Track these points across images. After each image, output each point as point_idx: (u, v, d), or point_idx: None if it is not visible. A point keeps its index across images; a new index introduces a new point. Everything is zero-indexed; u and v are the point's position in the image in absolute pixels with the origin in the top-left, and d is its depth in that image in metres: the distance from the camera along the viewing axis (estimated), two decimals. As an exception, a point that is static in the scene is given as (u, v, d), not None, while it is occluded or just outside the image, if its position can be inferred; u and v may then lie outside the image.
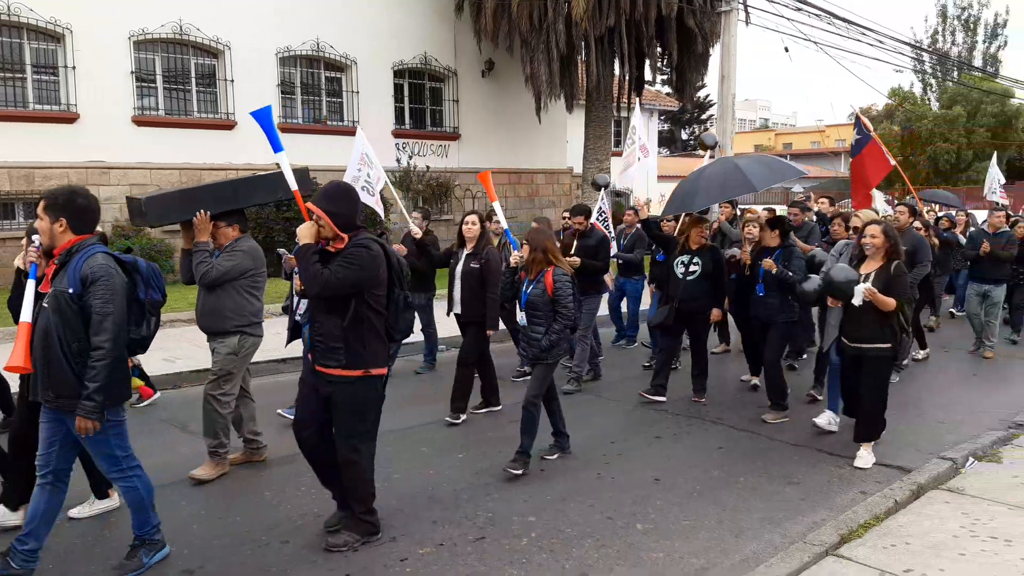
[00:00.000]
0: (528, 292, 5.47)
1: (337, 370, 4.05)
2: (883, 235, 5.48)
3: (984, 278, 9.25)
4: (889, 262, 5.43)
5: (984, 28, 41.47)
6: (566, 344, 5.58)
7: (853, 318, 5.48)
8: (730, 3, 15.01)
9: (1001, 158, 35.59)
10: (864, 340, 5.46)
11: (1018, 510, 4.61)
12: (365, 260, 3.97)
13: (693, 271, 7.03)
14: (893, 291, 5.31)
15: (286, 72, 16.59)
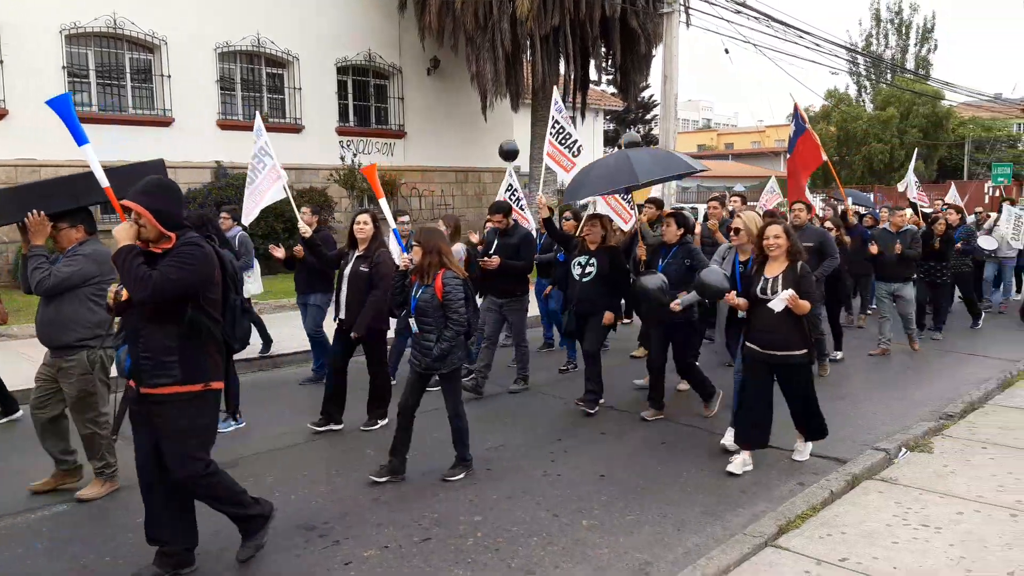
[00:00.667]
0: (417, 297, 5.12)
1: (170, 387, 3.62)
2: (785, 235, 5.28)
3: (890, 278, 9.18)
4: (793, 263, 5.26)
5: (916, 32, 42.94)
6: (461, 352, 5.23)
7: (764, 324, 5.25)
8: (671, 5, 15.27)
9: (932, 158, 37.03)
10: (779, 347, 5.26)
11: (948, 498, 4.78)
12: (199, 259, 3.60)
13: (589, 272, 6.73)
14: (803, 292, 5.13)
15: (225, 68, 16.25)
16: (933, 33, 42.98)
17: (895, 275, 9.10)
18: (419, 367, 5.19)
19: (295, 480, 5.25)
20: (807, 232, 7.88)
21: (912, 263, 9.18)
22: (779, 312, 5.06)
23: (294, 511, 4.70)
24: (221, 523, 4.53)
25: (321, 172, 16.87)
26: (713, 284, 5.54)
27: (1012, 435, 6.00)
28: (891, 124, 35.97)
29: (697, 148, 58.74)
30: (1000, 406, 6.87)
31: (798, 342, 5.25)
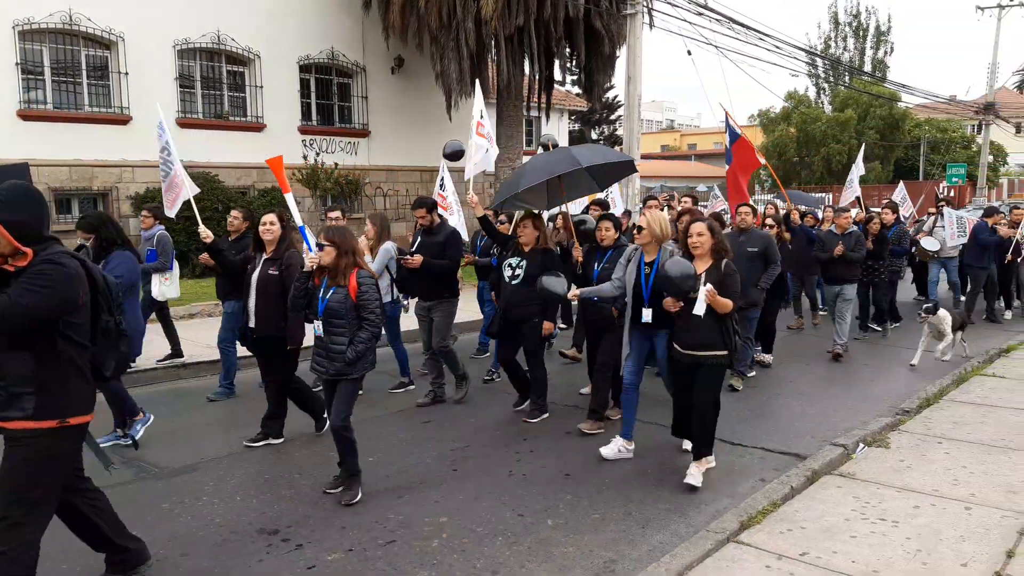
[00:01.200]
0: (327, 298, 4.82)
1: (20, 422, 3.16)
2: (708, 232, 5.15)
3: (834, 279, 9.21)
4: (718, 260, 5.14)
5: (872, 34, 43.81)
6: (372, 356, 4.98)
7: (686, 323, 5.10)
8: (635, 6, 15.38)
9: (889, 159, 37.81)
10: (699, 347, 5.11)
11: (905, 492, 4.88)
12: (55, 280, 3.12)
13: (518, 275, 6.49)
14: (726, 291, 4.99)
15: (185, 65, 15.97)
16: (889, 36, 43.94)
17: (838, 277, 9.12)
18: (327, 373, 4.89)
19: (257, 484, 5.19)
20: (753, 236, 7.77)
21: (856, 265, 9.17)
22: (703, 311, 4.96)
23: (255, 515, 4.64)
24: (179, 528, 4.47)
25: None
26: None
27: (966, 430, 6.15)
28: (849, 125, 36.65)
29: (661, 148, 59.24)
30: (954, 401, 7.04)
31: (718, 343, 5.08)
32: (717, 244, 5.14)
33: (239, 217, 7.25)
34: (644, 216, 5.67)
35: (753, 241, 7.68)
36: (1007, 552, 4.02)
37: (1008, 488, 4.91)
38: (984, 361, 8.63)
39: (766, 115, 41.84)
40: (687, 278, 4.90)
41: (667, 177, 38.87)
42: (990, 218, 11.61)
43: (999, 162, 42.60)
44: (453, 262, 7.11)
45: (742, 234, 7.74)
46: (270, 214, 6.00)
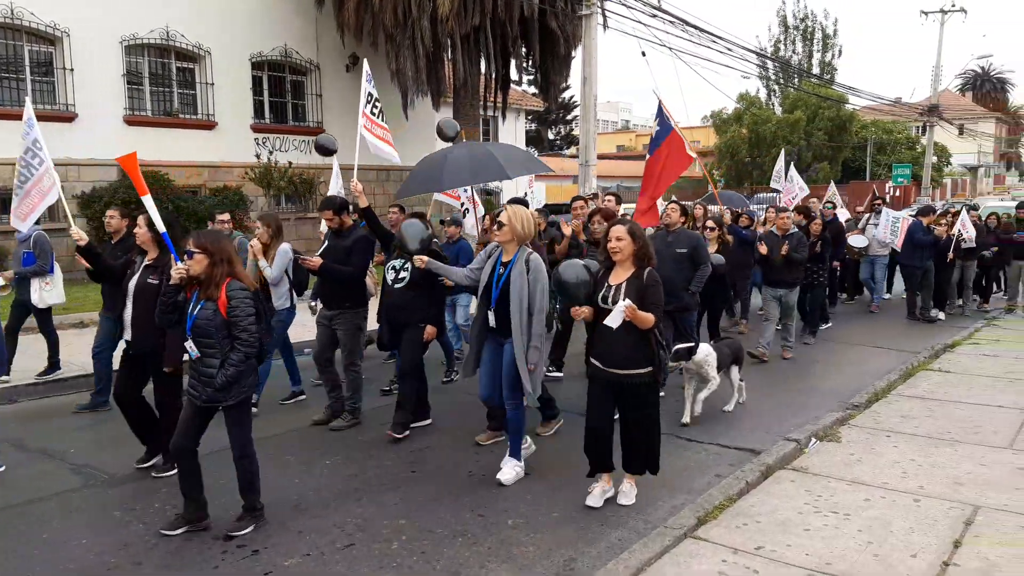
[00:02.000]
0: (196, 315, 4.23)
1: None
2: (630, 236, 4.59)
3: (776, 282, 8.84)
4: (641, 269, 4.60)
5: (818, 38, 44.76)
6: (252, 377, 4.40)
7: (605, 338, 4.57)
8: (590, 7, 15.48)
9: (837, 159, 38.69)
10: (620, 364, 4.61)
11: (855, 485, 5.00)
12: None
13: (403, 277, 6.12)
14: (647, 304, 4.48)
15: (132, 61, 15.61)
16: (836, 39, 44.95)
17: (781, 280, 8.80)
18: (199, 399, 4.30)
19: (210, 490, 5.07)
20: (681, 237, 7.39)
21: (799, 267, 8.87)
22: (623, 325, 4.43)
23: (210, 521, 4.55)
24: (131, 536, 4.36)
25: (235, 170, 16.41)
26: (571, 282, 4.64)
27: (913, 424, 6.33)
28: (799, 127, 37.38)
29: (616, 149, 59.70)
30: (902, 396, 7.23)
31: (641, 359, 4.57)
32: (640, 250, 4.59)
33: (115, 216, 6.63)
34: (506, 212, 5.14)
35: (681, 242, 7.32)
36: (954, 542, 4.15)
37: (954, 480, 5.07)
38: (930, 356, 8.89)
39: (719, 116, 42.47)
40: (582, 285, 4.48)
41: (623, 177, 39.18)
42: (925, 217, 11.67)
43: (943, 162, 43.95)
44: (357, 269, 6.41)
45: (670, 234, 7.43)
46: (144, 214, 5.17)
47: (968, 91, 67.30)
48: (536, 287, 4.94)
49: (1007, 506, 4.62)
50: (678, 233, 7.41)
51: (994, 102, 66.79)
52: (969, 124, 50.01)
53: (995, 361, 8.63)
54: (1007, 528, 4.31)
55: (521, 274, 4.97)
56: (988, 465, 5.33)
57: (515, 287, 4.94)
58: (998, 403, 6.89)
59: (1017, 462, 5.38)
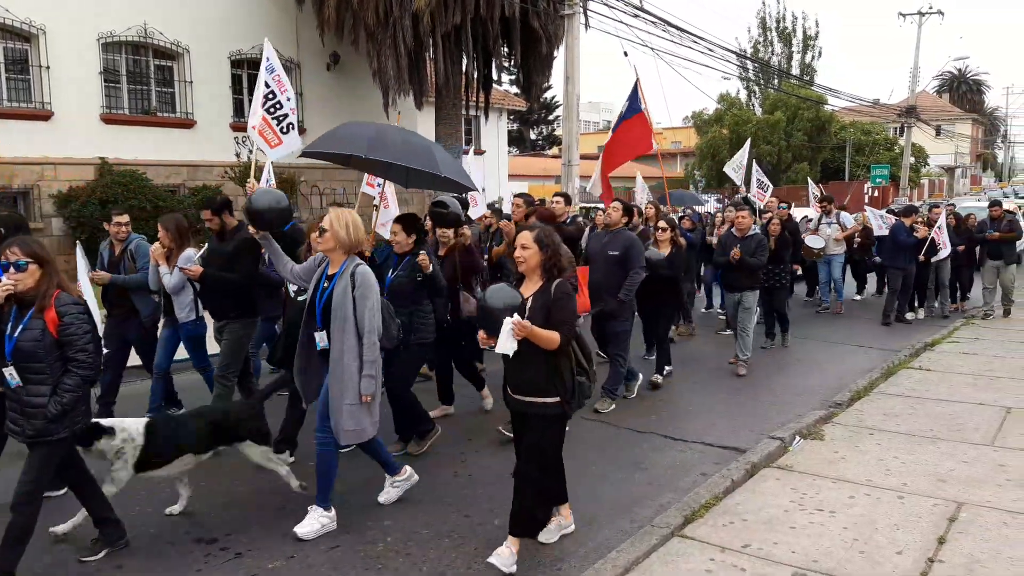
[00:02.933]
0: (16, 336, 3.62)
1: None
2: (536, 245, 3.97)
3: (734, 286, 8.48)
4: (549, 281, 3.98)
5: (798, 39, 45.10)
6: (85, 406, 3.85)
7: (511, 360, 3.92)
8: (572, 7, 15.48)
9: (816, 160, 39.01)
10: (524, 390, 3.99)
11: (840, 483, 5.02)
12: None
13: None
14: (554, 320, 3.87)
15: (110, 59, 15.38)
16: (817, 40, 45.28)
17: (738, 284, 8.35)
18: (23, 435, 3.69)
19: (193, 492, 5.00)
20: (616, 238, 6.82)
21: (757, 271, 8.36)
22: (524, 346, 3.77)
23: (192, 525, 4.48)
24: (112, 540, 4.28)
25: (215, 169, 16.22)
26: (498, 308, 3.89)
27: (895, 421, 6.37)
28: (779, 127, 37.61)
29: (597, 149, 59.85)
30: (884, 394, 7.28)
31: (547, 386, 3.92)
32: (547, 260, 3.97)
33: None
34: (329, 215, 4.45)
35: (616, 243, 6.76)
36: (938, 539, 4.17)
37: (937, 477, 5.10)
38: (911, 355, 8.96)
39: (699, 117, 42.68)
40: (507, 312, 3.80)
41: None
42: (907, 218, 11.43)
43: (920, 163, 44.40)
44: (243, 276, 5.86)
45: (607, 235, 6.92)
46: None
47: (945, 92, 68.13)
48: (364, 305, 4.25)
49: (990, 502, 4.65)
50: (616, 234, 6.85)
51: (970, 103, 67.69)
52: (946, 125, 50.65)
53: (975, 359, 8.72)
54: (990, 524, 4.34)
55: (345, 291, 4.27)
56: (970, 462, 5.37)
57: (337, 305, 4.26)
58: (978, 400, 6.95)
59: (998, 459, 5.43)
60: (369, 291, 4.30)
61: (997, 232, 11.46)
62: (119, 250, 6.35)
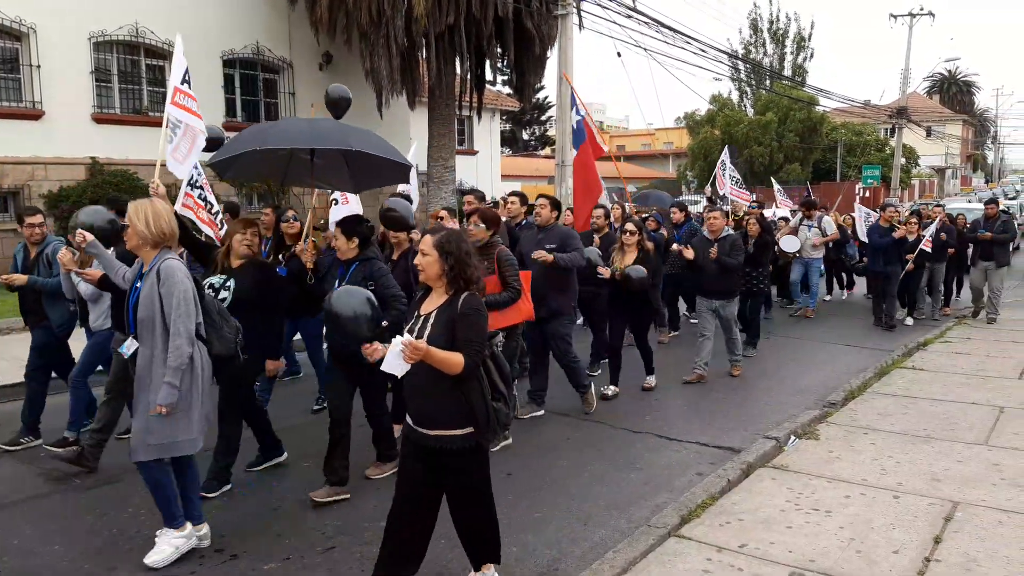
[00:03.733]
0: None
1: None
2: (436, 251, 3.34)
3: (711, 292, 7.82)
4: (456, 294, 3.35)
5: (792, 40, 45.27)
6: None
7: (408, 386, 3.37)
8: (566, 7, 15.49)
9: (808, 160, 39.16)
10: (427, 421, 3.35)
11: (835, 482, 5.03)
12: None
13: (224, 298, 4.81)
14: (460, 339, 3.25)
15: (101, 58, 15.31)
16: (809, 42, 45.48)
17: (716, 289, 7.77)
18: None
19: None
20: (551, 233, 6.46)
21: (735, 275, 7.85)
22: (419, 370, 3.16)
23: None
24: (105, 542, 4.26)
25: (208, 169, 16.17)
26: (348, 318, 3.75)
27: (889, 421, 6.39)
28: (770, 128, 37.76)
29: (590, 149, 59.89)
30: (878, 394, 7.30)
31: (456, 416, 3.30)
32: (453, 269, 3.32)
33: None
34: (130, 207, 3.99)
35: (551, 238, 6.38)
36: (935, 538, 4.18)
37: (932, 476, 5.11)
38: (903, 355, 8.99)
39: (691, 118, 42.80)
40: (362, 320, 3.46)
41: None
42: (883, 213, 11.04)
43: (911, 164, 44.63)
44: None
45: (540, 231, 6.55)
46: None
47: (935, 94, 68.52)
48: (168, 303, 3.82)
49: (985, 501, 4.67)
50: (549, 230, 6.50)
51: (961, 104, 68.11)
52: (936, 126, 50.95)
53: (967, 359, 8.75)
54: (986, 523, 4.35)
55: (152, 288, 3.86)
56: (964, 461, 5.39)
57: (143, 305, 3.86)
58: (971, 400, 6.98)
59: (992, 458, 5.45)
60: (174, 287, 3.83)
61: (990, 232, 11.13)
62: (34, 253, 5.86)
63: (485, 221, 5.82)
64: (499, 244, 5.80)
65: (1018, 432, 6.02)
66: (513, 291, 5.62)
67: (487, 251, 5.62)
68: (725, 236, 7.82)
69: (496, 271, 5.60)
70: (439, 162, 18.11)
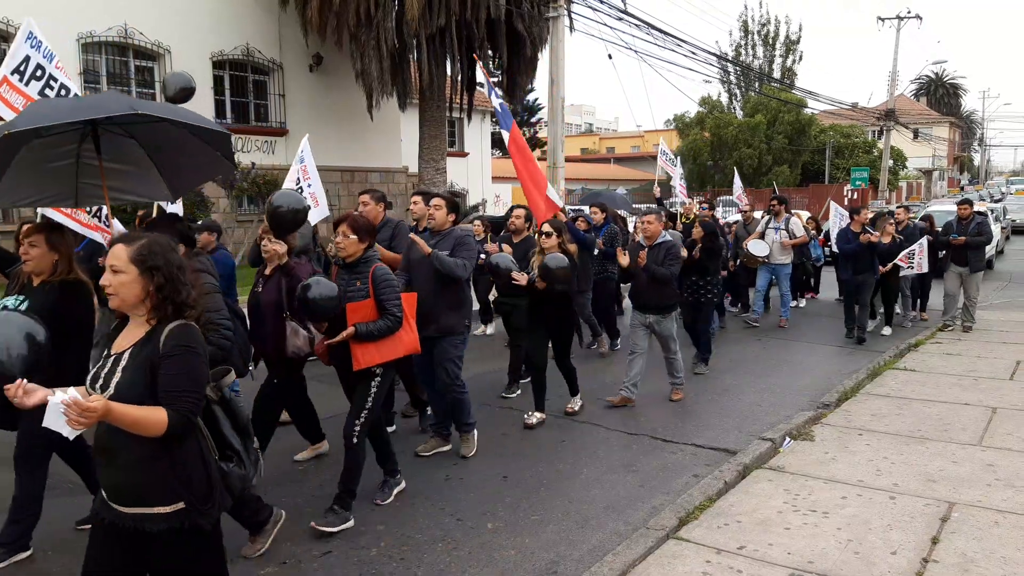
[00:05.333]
0: None
1: None
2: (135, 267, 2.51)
3: (644, 306, 6.89)
4: (160, 325, 2.54)
5: (781, 43, 45.51)
6: None
7: (103, 450, 2.57)
8: (557, 10, 15.50)
9: (796, 162, 39.34)
10: (125, 498, 2.52)
11: (832, 483, 5.03)
12: None
13: None
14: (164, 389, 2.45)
15: (90, 60, 15.23)
16: (798, 45, 45.71)
17: (648, 303, 6.85)
18: None
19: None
20: (446, 239, 5.53)
21: (669, 287, 6.84)
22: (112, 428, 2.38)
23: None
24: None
25: None
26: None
27: (883, 422, 6.40)
28: (759, 130, 37.92)
29: (581, 151, 60.04)
30: (871, 395, 7.32)
31: (162, 488, 2.48)
32: (161, 291, 2.52)
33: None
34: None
35: (444, 245, 5.50)
36: (932, 539, 4.19)
37: (927, 477, 5.13)
38: (895, 355, 9.02)
39: (681, 120, 42.92)
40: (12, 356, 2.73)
41: (588, 180, 39.41)
42: (857, 216, 9.99)
43: (899, 166, 44.89)
44: None
45: (433, 237, 5.62)
46: None
47: (923, 96, 69.01)
48: None
49: (980, 502, 4.68)
50: (444, 236, 5.57)
51: (948, 107, 68.64)
52: (924, 128, 51.32)
53: (958, 360, 8.80)
54: (982, 524, 4.37)
55: None
56: (959, 462, 5.41)
57: None
58: (964, 401, 7.01)
59: (987, 459, 5.47)
60: None
61: (963, 236, 10.14)
62: None
63: (356, 231, 4.54)
64: (375, 261, 4.61)
65: (1011, 433, 6.06)
66: (391, 318, 4.47)
67: (360, 269, 4.55)
68: (661, 242, 6.84)
69: (371, 293, 4.50)
70: (430, 164, 18.09)
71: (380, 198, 6.06)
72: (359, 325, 4.39)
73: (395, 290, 4.56)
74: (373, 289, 4.50)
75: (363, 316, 4.44)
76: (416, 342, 4.75)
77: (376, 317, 4.47)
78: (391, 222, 6.26)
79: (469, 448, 5.74)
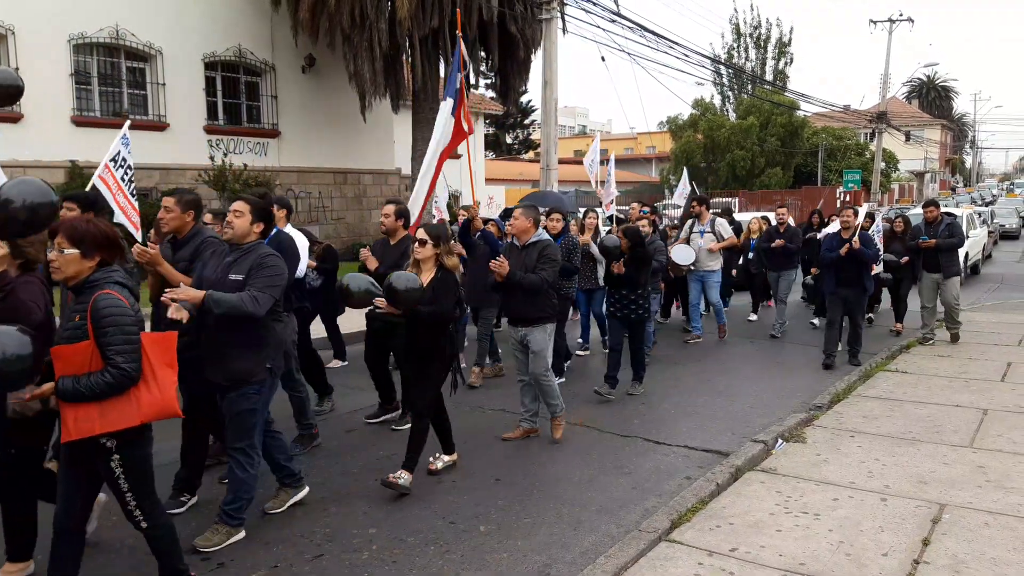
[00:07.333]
0: None
1: None
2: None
3: (514, 319, 6.06)
4: None
5: (773, 46, 45.66)
6: None
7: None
8: (550, 12, 15.53)
9: (789, 165, 39.46)
10: None
11: (824, 485, 5.04)
12: None
13: None
14: None
15: (81, 60, 15.17)
16: (790, 47, 45.87)
17: (515, 315, 6.03)
18: None
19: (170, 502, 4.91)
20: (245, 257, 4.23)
21: (539, 296, 5.84)
22: None
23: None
24: (88, 551, 4.18)
25: (188, 172, 16.04)
26: None
27: (875, 424, 6.42)
28: (752, 133, 38.03)
29: (574, 153, 60.06)
30: (863, 396, 7.34)
31: None
32: None
33: None
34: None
35: (241, 264, 4.21)
36: (923, 540, 4.20)
37: (919, 479, 5.14)
38: (887, 357, 9.05)
39: (674, 122, 43.01)
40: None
41: (582, 182, 39.41)
42: (839, 217, 9.28)
43: (891, 168, 45.10)
44: None
45: (230, 252, 4.33)
46: None
47: (914, 99, 69.35)
48: None
49: (971, 504, 4.70)
50: (245, 252, 4.24)
51: (939, 109, 68.98)
52: (916, 131, 51.54)
53: (949, 361, 8.83)
54: (973, 526, 4.38)
55: None
56: (950, 464, 5.43)
57: None
58: (955, 403, 7.03)
59: (978, 460, 5.49)
60: None
61: (933, 239, 9.47)
62: None
63: (77, 243, 3.26)
64: (101, 285, 3.25)
65: (1002, 434, 6.08)
66: (113, 372, 3.14)
67: (82, 298, 3.27)
68: (535, 242, 5.88)
69: (90, 333, 3.18)
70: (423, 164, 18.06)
71: (190, 203, 4.86)
72: (63, 379, 3.12)
73: (123, 329, 3.17)
74: (92, 328, 3.16)
75: (77, 365, 3.14)
76: (172, 403, 3.31)
77: (94, 367, 3.17)
78: (201, 234, 4.89)
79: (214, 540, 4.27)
